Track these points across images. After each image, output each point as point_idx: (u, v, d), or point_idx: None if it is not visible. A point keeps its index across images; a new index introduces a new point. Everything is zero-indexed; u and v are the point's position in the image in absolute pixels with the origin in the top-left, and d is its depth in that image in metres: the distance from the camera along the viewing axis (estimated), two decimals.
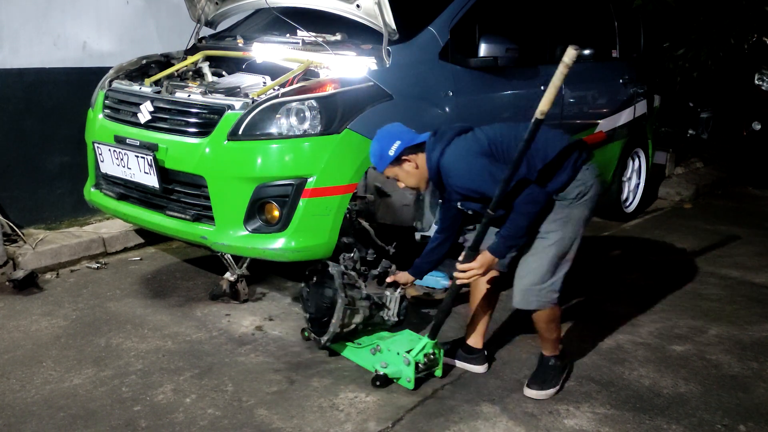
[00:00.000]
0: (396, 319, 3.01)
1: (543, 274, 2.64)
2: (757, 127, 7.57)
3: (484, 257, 2.58)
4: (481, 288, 2.91)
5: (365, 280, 3.03)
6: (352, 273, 2.99)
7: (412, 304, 3.18)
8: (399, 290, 3.02)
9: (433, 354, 2.77)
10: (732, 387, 2.92)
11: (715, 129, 7.93)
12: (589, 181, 2.64)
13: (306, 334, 3.10)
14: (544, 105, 2.28)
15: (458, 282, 2.66)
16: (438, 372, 2.84)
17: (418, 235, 3.66)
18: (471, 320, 3.00)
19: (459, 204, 2.70)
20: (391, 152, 2.63)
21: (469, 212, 2.71)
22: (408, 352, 2.74)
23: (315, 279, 3.01)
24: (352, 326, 2.90)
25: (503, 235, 2.55)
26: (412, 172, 2.68)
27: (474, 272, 2.60)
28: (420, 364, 2.74)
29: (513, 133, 2.62)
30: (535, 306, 2.69)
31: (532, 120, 2.30)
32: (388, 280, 3.05)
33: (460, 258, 2.62)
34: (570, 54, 2.21)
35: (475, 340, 2.98)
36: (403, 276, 3.04)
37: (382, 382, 2.76)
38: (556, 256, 2.64)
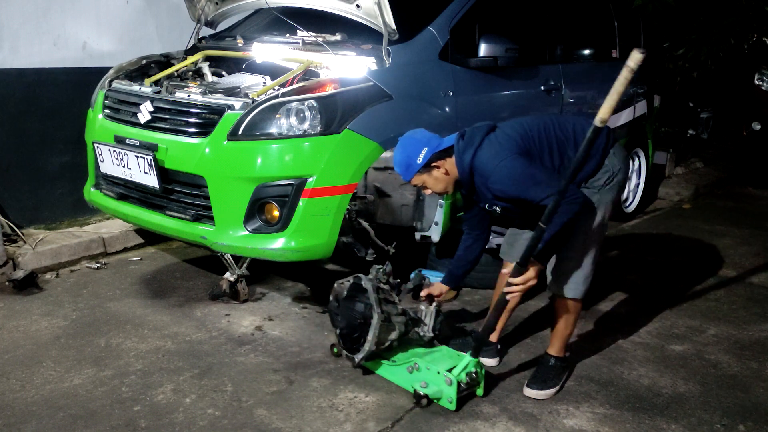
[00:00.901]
0: (432, 334, 2.87)
1: (576, 260, 2.67)
2: (757, 127, 7.56)
3: (533, 266, 2.48)
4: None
5: (398, 294, 2.89)
6: (386, 287, 2.84)
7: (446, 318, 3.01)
8: (434, 304, 2.90)
9: (476, 373, 2.63)
10: (731, 386, 2.93)
11: (715, 129, 7.94)
12: (616, 165, 2.66)
13: (335, 350, 2.97)
14: (604, 113, 2.08)
15: (508, 297, 2.55)
16: (480, 391, 2.70)
17: (418, 235, 3.67)
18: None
19: (487, 205, 2.67)
20: (419, 160, 2.59)
21: (497, 211, 2.66)
22: (449, 370, 2.60)
23: (345, 293, 2.85)
24: (388, 343, 2.75)
25: (546, 239, 2.47)
26: (441, 178, 2.64)
27: (531, 284, 2.49)
28: (462, 384, 2.60)
29: (541, 125, 2.63)
30: (572, 294, 2.71)
31: (591, 128, 2.13)
32: (423, 293, 2.95)
33: (506, 271, 2.52)
34: (635, 58, 1.98)
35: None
36: (438, 287, 2.96)
37: (424, 402, 2.61)
38: (587, 243, 2.66)
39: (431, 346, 2.87)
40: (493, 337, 3.00)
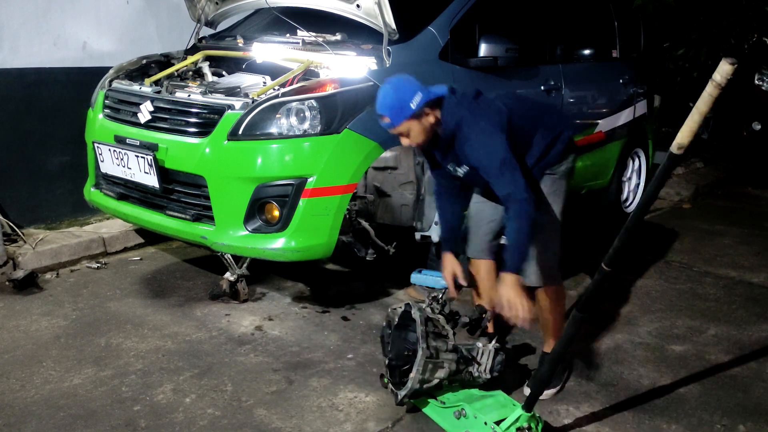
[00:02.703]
0: (488, 376, 2.58)
1: (549, 249, 2.69)
2: (757, 127, 7.57)
3: (506, 282, 2.42)
4: (481, 276, 2.93)
5: (454, 326, 2.60)
6: (440, 317, 2.58)
7: (507, 356, 2.72)
8: (494, 342, 2.63)
9: (528, 428, 2.33)
10: (731, 387, 2.93)
11: (715, 129, 7.93)
12: (573, 154, 2.77)
13: (385, 380, 2.67)
14: (684, 138, 1.78)
15: (517, 322, 2.40)
16: None
17: (418, 235, 3.67)
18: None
19: (451, 165, 2.64)
20: (413, 104, 2.45)
21: (458, 173, 2.64)
22: (498, 423, 2.33)
23: (396, 320, 2.63)
24: (435, 381, 2.48)
25: (511, 246, 2.45)
26: (428, 127, 2.53)
27: (515, 301, 2.39)
28: None
29: (527, 109, 2.71)
30: (550, 281, 2.73)
31: (667, 155, 1.90)
32: (446, 275, 2.76)
33: (479, 270, 2.43)
34: (724, 70, 1.65)
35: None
36: (449, 264, 2.78)
37: None
38: (555, 229, 2.71)
39: (489, 389, 2.61)
40: (489, 329, 3.01)
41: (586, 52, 4.76)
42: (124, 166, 3.49)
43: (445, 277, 2.84)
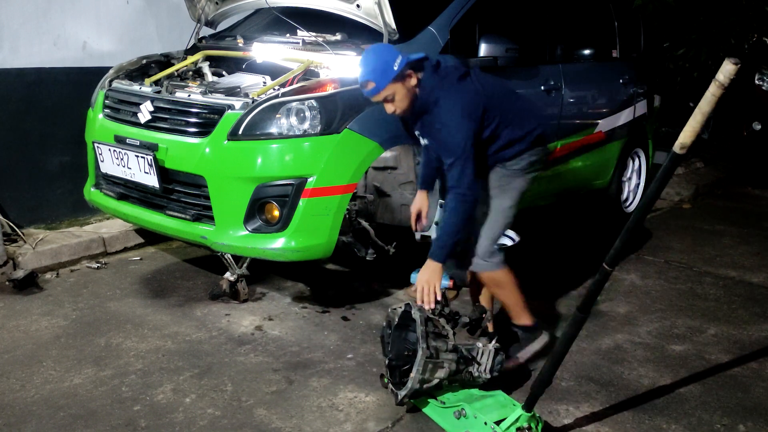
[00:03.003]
0: (488, 376, 2.57)
1: (478, 236, 2.75)
2: (757, 127, 7.57)
3: (427, 266, 2.58)
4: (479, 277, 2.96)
5: (454, 326, 2.60)
6: (440, 318, 2.57)
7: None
8: (494, 342, 2.63)
9: (528, 428, 2.34)
10: (731, 386, 2.93)
11: (716, 129, 7.94)
12: (542, 153, 2.79)
13: (385, 380, 2.66)
14: (686, 137, 1.82)
15: (425, 305, 2.55)
16: None
17: (418, 235, 3.66)
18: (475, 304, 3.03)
19: (418, 132, 2.72)
20: (396, 66, 2.49)
21: (423, 143, 2.74)
22: (498, 423, 2.34)
23: (396, 320, 2.63)
24: (435, 381, 2.48)
25: (439, 235, 2.60)
26: (411, 90, 2.57)
27: (427, 284, 2.55)
28: None
29: (506, 102, 2.73)
30: (479, 269, 2.79)
31: (669, 155, 1.93)
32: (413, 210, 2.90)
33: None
34: (727, 70, 1.64)
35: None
36: (421, 199, 3.00)
37: None
38: (491, 221, 2.75)
39: (489, 389, 2.61)
40: (489, 328, 3.02)
41: (586, 52, 4.76)
42: (124, 166, 3.49)
43: (411, 212, 2.98)
